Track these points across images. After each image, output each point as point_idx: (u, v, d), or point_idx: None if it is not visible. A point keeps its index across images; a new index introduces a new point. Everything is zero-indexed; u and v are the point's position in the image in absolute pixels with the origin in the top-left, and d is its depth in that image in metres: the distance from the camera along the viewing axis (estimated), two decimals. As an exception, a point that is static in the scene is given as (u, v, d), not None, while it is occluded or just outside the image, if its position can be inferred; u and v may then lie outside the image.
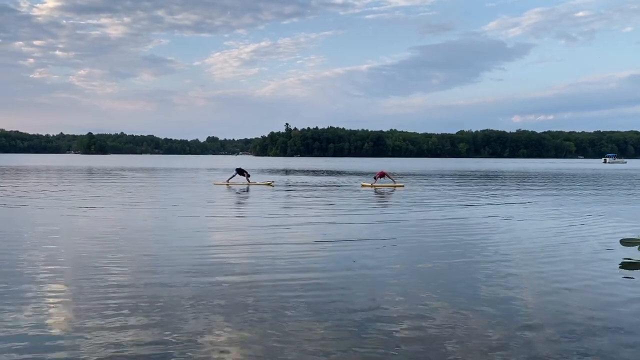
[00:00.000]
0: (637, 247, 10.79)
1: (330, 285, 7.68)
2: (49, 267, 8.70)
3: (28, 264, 8.97)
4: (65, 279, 8.02)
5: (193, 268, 8.66)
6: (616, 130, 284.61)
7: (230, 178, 32.26)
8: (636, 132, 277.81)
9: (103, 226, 13.74)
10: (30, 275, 8.13)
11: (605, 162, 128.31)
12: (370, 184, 30.53)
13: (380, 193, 25.79)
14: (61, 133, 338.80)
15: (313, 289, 7.46)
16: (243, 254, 10.05)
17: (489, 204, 20.50)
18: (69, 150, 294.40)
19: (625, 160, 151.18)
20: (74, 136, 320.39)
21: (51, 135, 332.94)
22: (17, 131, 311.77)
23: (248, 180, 31.55)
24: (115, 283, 7.72)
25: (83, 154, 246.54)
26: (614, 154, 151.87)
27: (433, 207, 19.00)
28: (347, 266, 8.98)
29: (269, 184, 31.75)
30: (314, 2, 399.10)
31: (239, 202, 21.78)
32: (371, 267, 8.92)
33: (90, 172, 51.10)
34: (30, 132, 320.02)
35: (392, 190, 27.30)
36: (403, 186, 30.26)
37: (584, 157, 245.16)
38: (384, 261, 9.36)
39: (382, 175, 30.69)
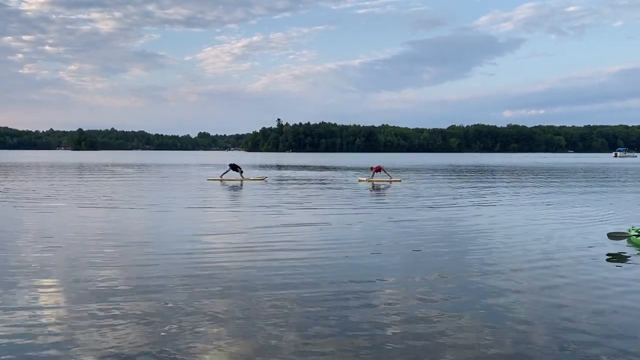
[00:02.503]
0: (624, 240, 10.70)
1: (325, 286, 7.44)
2: (35, 272, 8.38)
3: (16, 263, 8.66)
4: (55, 281, 7.74)
5: (186, 267, 8.40)
6: (606, 124, 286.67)
7: (224, 174, 31.92)
8: (626, 127, 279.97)
9: (96, 226, 13.38)
10: (19, 276, 7.84)
11: (615, 156, 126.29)
12: (366, 179, 30.42)
13: (379, 188, 25.56)
14: (51, 129, 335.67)
15: (308, 290, 7.22)
16: (238, 253, 9.74)
17: (487, 199, 20.36)
18: (59, 146, 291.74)
19: (636, 154, 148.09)
20: (64, 132, 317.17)
21: (41, 132, 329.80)
22: (6, 127, 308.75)
23: (241, 176, 31.26)
24: (106, 285, 7.46)
25: (73, 150, 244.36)
26: (624, 148, 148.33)
27: (429, 203, 18.89)
28: (341, 266, 8.76)
29: (262, 180, 31.54)
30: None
31: (233, 199, 21.42)
32: (367, 266, 8.73)
33: (80, 168, 50.47)
34: (20, 128, 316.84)
35: (390, 186, 27.09)
36: (400, 181, 30.10)
37: (574, 152, 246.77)
38: (379, 261, 9.19)
39: (379, 169, 30.60)
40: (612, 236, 10.71)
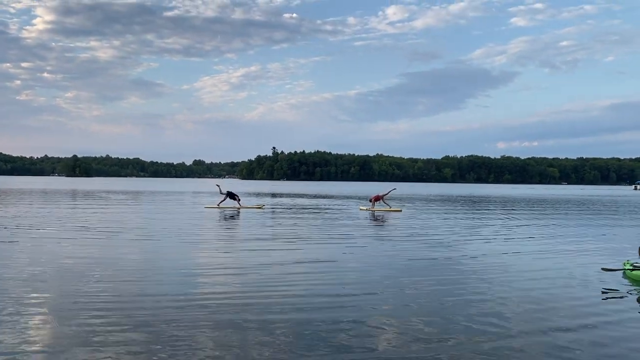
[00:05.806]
0: (620, 274, 10.51)
1: (320, 329, 6.88)
2: (22, 306, 7.95)
3: (2, 296, 8.20)
4: (42, 317, 7.24)
5: (178, 307, 7.84)
6: (598, 157, 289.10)
7: (222, 202, 31.56)
8: (618, 159, 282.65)
9: (86, 258, 12.88)
10: (5, 309, 7.39)
11: (635, 188, 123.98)
12: (366, 208, 30.15)
13: (379, 219, 25.06)
14: (45, 155, 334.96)
15: (303, 326, 6.85)
16: (233, 293, 8.98)
17: (489, 232, 20.03)
18: (53, 172, 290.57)
19: None
20: (58, 158, 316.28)
21: (35, 158, 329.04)
22: (0, 153, 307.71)
23: (239, 204, 30.90)
24: (95, 321, 7.01)
25: (67, 176, 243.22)
26: None
27: (429, 235, 18.61)
28: (337, 310, 8.35)
29: (260, 208, 31.23)
30: (303, 28, 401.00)
31: (230, 230, 20.92)
32: (363, 308, 8.31)
33: (73, 195, 49.86)
34: (14, 154, 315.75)
35: (391, 215, 26.67)
36: (400, 210, 29.73)
37: (567, 184, 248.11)
38: (378, 293, 8.89)
39: (378, 199, 30.32)
40: (607, 270, 10.56)
